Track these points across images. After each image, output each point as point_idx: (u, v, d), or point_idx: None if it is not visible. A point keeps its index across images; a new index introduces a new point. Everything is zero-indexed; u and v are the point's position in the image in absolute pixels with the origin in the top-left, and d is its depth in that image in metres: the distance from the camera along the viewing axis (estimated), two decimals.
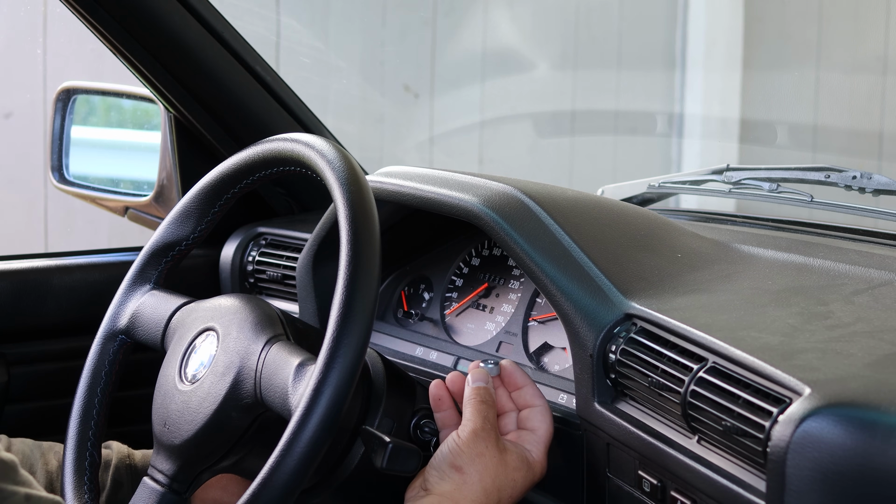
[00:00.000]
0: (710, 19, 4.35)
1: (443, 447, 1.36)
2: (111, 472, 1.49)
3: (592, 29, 4.25)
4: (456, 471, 1.33)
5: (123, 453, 1.52)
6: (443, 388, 1.42)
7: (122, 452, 1.52)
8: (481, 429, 1.36)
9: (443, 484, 1.33)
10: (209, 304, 1.42)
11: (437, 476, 1.34)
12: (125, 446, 1.54)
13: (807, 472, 1.03)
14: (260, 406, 1.29)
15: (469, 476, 1.33)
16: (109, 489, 1.48)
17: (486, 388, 1.39)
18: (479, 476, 1.33)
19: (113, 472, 1.49)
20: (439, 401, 1.42)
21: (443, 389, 1.42)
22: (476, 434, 1.35)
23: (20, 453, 1.48)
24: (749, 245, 1.57)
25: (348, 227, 1.23)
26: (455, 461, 1.34)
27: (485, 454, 1.34)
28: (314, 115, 2.08)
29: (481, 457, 1.34)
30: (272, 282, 1.95)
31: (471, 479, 1.33)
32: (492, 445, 1.35)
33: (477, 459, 1.34)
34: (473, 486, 1.33)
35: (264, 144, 1.40)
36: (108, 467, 1.49)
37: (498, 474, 1.35)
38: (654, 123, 4.62)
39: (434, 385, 1.42)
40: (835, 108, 4.18)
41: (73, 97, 2.17)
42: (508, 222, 1.45)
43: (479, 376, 1.41)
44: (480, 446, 1.35)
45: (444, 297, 1.73)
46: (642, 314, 1.34)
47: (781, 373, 1.11)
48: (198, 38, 1.87)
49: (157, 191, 2.07)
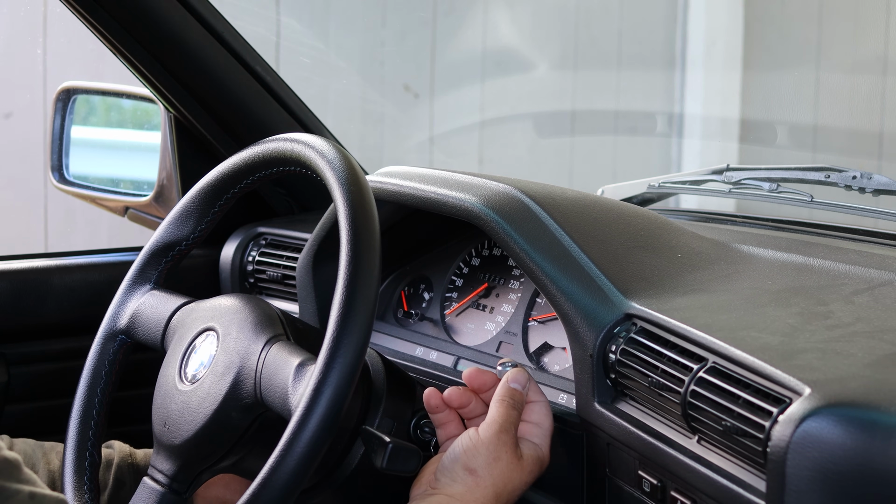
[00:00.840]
0: (710, 19, 4.35)
1: (456, 446, 1.33)
2: (113, 472, 1.49)
3: (592, 29, 4.25)
4: (469, 473, 1.31)
5: (125, 452, 1.52)
6: (438, 396, 1.40)
7: (123, 452, 1.52)
8: (505, 432, 1.33)
9: (454, 486, 1.31)
10: (209, 304, 1.42)
11: (448, 478, 1.32)
12: (127, 445, 1.53)
13: (807, 472, 1.03)
14: (260, 406, 1.29)
15: (482, 479, 1.31)
16: (111, 488, 1.48)
17: (520, 393, 1.37)
18: (492, 480, 1.31)
19: (115, 472, 1.49)
20: (436, 408, 1.39)
21: (438, 398, 1.39)
22: (499, 437, 1.33)
23: (22, 453, 1.47)
24: (749, 245, 1.57)
25: (348, 227, 1.23)
26: (469, 463, 1.31)
27: (502, 458, 1.32)
28: (314, 115, 2.07)
29: (498, 461, 1.32)
30: (272, 282, 1.95)
31: (484, 482, 1.31)
32: (510, 451, 1.33)
33: (494, 464, 1.31)
34: (485, 490, 1.31)
35: (264, 144, 1.40)
36: (109, 467, 1.49)
37: (512, 479, 1.32)
38: (654, 123, 4.62)
39: (429, 393, 1.39)
40: (835, 108, 4.18)
41: (73, 97, 2.17)
42: (508, 222, 1.45)
43: (519, 378, 1.38)
44: (500, 450, 1.32)
45: (444, 297, 1.73)
46: (642, 314, 1.34)
47: (781, 373, 1.11)
48: (198, 38, 1.87)
49: (157, 191, 2.07)
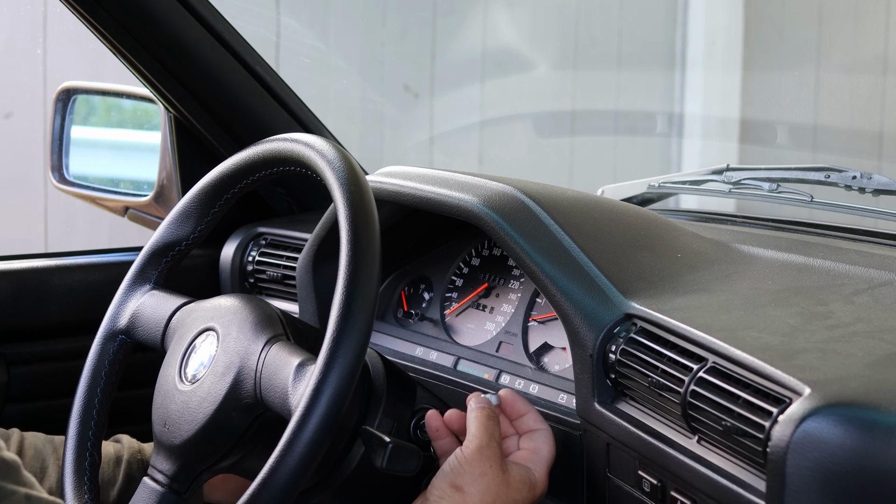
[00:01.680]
0: (710, 19, 4.36)
1: (444, 465, 1.34)
2: (123, 468, 1.49)
3: (592, 29, 4.25)
4: (456, 490, 1.31)
5: (134, 448, 1.51)
6: (439, 419, 1.39)
7: (132, 447, 1.51)
8: (486, 446, 1.33)
9: (442, 502, 1.31)
10: (209, 304, 1.42)
11: (436, 496, 1.32)
12: (135, 441, 1.53)
13: (807, 472, 1.03)
14: (260, 406, 1.29)
15: (469, 496, 1.31)
16: (122, 484, 1.48)
17: (488, 408, 1.37)
18: (479, 496, 1.31)
19: (125, 468, 1.49)
20: (437, 431, 1.39)
21: (439, 420, 1.39)
22: (481, 451, 1.33)
23: (32, 447, 1.48)
24: (749, 245, 1.57)
25: (348, 228, 1.23)
26: (455, 480, 1.32)
27: (487, 473, 1.32)
28: (314, 115, 2.07)
29: (483, 476, 1.32)
30: (272, 282, 1.95)
31: (471, 499, 1.31)
32: (495, 465, 1.33)
33: (479, 479, 1.32)
34: None
35: (264, 144, 1.40)
36: (119, 462, 1.49)
37: (499, 494, 1.32)
38: (654, 123, 4.62)
39: (431, 415, 1.39)
40: (835, 108, 4.18)
41: (73, 97, 2.17)
42: (508, 222, 1.45)
43: (481, 401, 1.38)
44: (484, 465, 1.32)
45: (444, 297, 1.73)
46: (642, 314, 1.34)
47: (781, 373, 1.11)
48: (198, 38, 1.87)
49: (157, 191, 2.07)
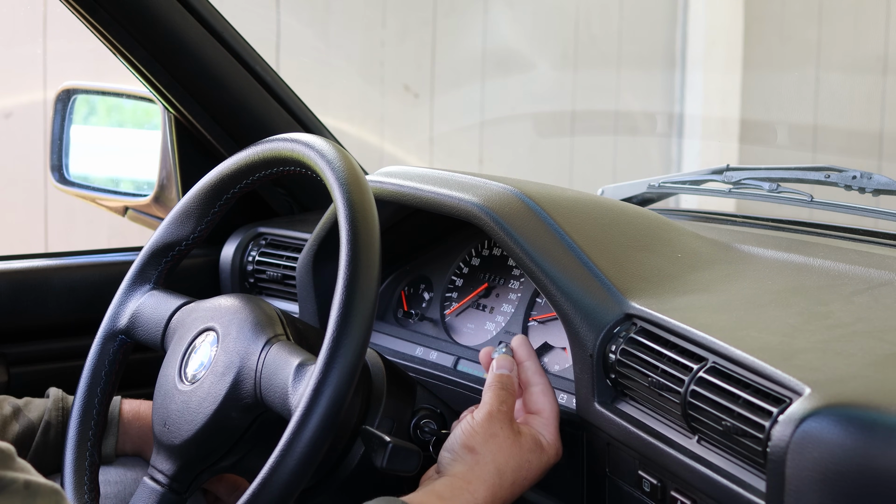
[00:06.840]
0: (710, 19, 4.36)
1: (456, 430, 1.36)
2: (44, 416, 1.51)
3: (592, 29, 4.25)
4: (469, 451, 1.33)
5: (58, 397, 1.53)
6: None
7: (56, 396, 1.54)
8: (497, 411, 1.36)
9: (455, 465, 1.33)
10: (209, 304, 1.42)
11: (449, 458, 1.34)
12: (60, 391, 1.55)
13: (807, 472, 1.03)
14: (260, 406, 1.29)
15: (482, 456, 1.33)
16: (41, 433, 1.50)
17: (508, 376, 1.40)
18: (492, 456, 1.33)
19: (45, 416, 1.51)
20: None
21: None
22: (492, 416, 1.35)
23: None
24: (749, 245, 1.57)
25: (348, 228, 1.23)
26: (468, 441, 1.34)
27: (498, 434, 1.34)
28: (314, 115, 2.07)
29: (495, 437, 1.34)
30: (272, 282, 1.95)
31: (483, 459, 1.33)
32: (506, 427, 1.35)
33: (490, 440, 1.34)
34: (486, 467, 1.33)
35: (264, 144, 1.40)
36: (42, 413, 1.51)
37: (512, 455, 1.34)
38: (654, 123, 4.62)
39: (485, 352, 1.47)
40: (835, 108, 4.19)
41: (73, 97, 2.17)
42: (508, 222, 1.45)
43: (503, 363, 1.42)
44: (495, 427, 1.35)
45: (444, 297, 1.73)
46: (642, 314, 1.34)
47: (781, 373, 1.11)
48: (198, 38, 1.87)
49: (157, 191, 2.07)
